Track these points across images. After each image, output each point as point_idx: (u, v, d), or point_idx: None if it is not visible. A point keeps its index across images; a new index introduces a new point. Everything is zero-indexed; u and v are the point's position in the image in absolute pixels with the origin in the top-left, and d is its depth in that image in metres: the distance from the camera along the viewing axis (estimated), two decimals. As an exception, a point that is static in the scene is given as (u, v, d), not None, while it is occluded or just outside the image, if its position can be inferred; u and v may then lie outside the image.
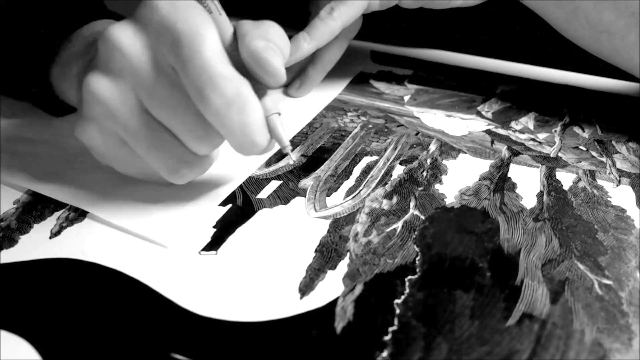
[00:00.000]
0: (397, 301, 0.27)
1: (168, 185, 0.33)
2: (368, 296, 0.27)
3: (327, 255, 0.30)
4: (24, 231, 0.32)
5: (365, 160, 0.38)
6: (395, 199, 0.34)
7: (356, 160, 0.38)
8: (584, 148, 0.39)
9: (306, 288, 0.28)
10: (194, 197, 0.33)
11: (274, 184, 0.35)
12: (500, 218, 0.32)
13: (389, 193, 0.34)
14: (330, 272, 0.29)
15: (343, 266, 0.29)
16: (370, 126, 0.42)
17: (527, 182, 0.35)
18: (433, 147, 0.39)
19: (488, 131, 0.41)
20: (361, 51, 0.53)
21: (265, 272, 0.29)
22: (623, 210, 0.33)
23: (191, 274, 0.29)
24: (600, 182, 0.35)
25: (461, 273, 0.29)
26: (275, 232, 0.32)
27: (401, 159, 0.38)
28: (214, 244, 0.31)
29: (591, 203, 0.34)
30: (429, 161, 0.37)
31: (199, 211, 0.33)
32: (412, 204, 0.33)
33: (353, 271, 0.29)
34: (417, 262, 0.29)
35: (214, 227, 0.32)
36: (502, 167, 0.37)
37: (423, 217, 0.32)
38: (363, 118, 0.43)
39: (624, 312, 0.27)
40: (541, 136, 0.40)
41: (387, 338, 0.25)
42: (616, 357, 0.24)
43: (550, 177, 0.36)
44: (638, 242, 0.31)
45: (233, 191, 0.35)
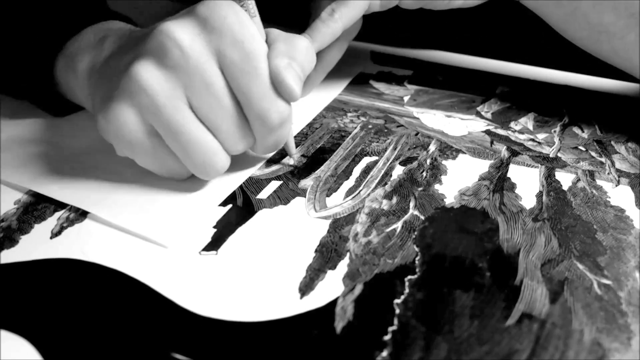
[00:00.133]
0: (397, 301, 0.27)
1: (176, 182, 0.34)
2: (368, 296, 0.28)
3: (327, 255, 0.30)
4: (25, 231, 0.32)
5: (365, 160, 0.38)
6: (395, 199, 0.34)
7: (356, 160, 0.38)
8: (583, 148, 0.39)
9: (306, 288, 0.28)
10: (195, 197, 0.33)
11: (274, 184, 0.35)
12: (499, 218, 0.32)
13: (389, 193, 0.35)
14: (330, 272, 0.29)
15: (343, 266, 0.29)
16: (370, 126, 0.42)
17: (527, 183, 0.35)
18: (433, 148, 0.39)
19: (487, 131, 0.41)
20: (361, 52, 0.53)
21: (265, 272, 0.29)
22: (622, 210, 0.33)
23: (191, 274, 0.29)
24: (599, 182, 0.35)
25: (461, 273, 0.29)
26: (275, 232, 0.32)
27: (401, 159, 0.38)
28: (214, 244, 0.31)
29: (590, 203, 0.34)
30: (429, 161, 0.38)
31: (199, 211, 0.33)
32: (412, 204, 0.34)
33: (353, 271, 0.29)
34: (417, 262, 0.29)
35: (214, 227, 0.32)
36: (502, 168, 0.37)
37: (423, 217, 0.32)
38: (363, 118, 0.43)
39: (623, 312, 0.27)
40: (540, 136, 0.40)
41: (387, 338, 0.25)
42: (615, 357, 0.25)
43: (549, 177, 0.36)
44: (637, 242, 0.31)
45: (233, 191, 0.35)
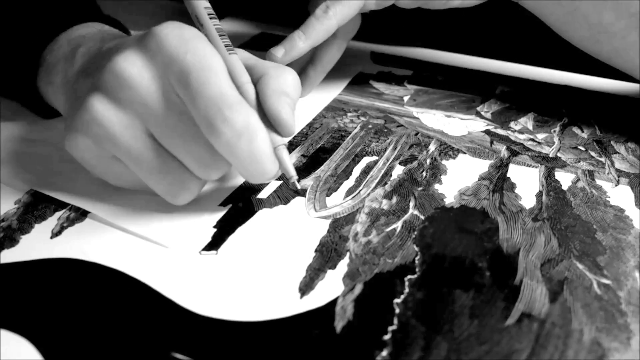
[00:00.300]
0: (397, 301, 0.27)
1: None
2: (368, 296, 0.28)
3: (327, 255, 0.30)
4: (25, 231, 0.32)
5: (365, 160, 0.38)
6: (394, 199, 0.34)
7: (356, 160, 0.38)
8: (583, 148, 0.39)
9: (306, 288, 0.28)
10: (195, 197, 0.33)
11: (274, 184, 0.35)
12: (499, 218, 0.32)
13: (389, 193, 0.35)
14: (330, 272, 0.29)
15: (343, 266, 0.29)
16: (370, 126, 0.42)
17: (526, 182, 0.35)
18: (432, 147, 0.39)
19: (487, 131, 0.41)
20: (361, 52, 0.53)
21: (265, 272, 0.29)
22: (622, 210, 0.33)
23: (191, 274, 0.29)
24: (599, 182, 0.35)
25: (460, 273, 0.29)
26: (275, 232, 0.32)
27: (401, 159, 0.38)
28: (215, 244, 0.31)
29: (590, 203, 0.34)
30: (429, 161, 0.38)
31: (200, 211, 0.33)
32: (412, 204, 0.34)
33: (353, 271, 0.29)
34: (417, 262, 0.29)
35: (215, 227, 0.32)
36: (502, 167, 0.37)
37: (422, 217, 0.33)
38: (363, 118, 0.43)
39: (623, 312, 0.27)
40: (540, 136, 0.40)
41: (387, 337, 0.25)
42: (615, 357, 0.25)
43: (549, 177, 0.36)
44: (636, 242, 0.31)
45: (233, 191, 0.35)
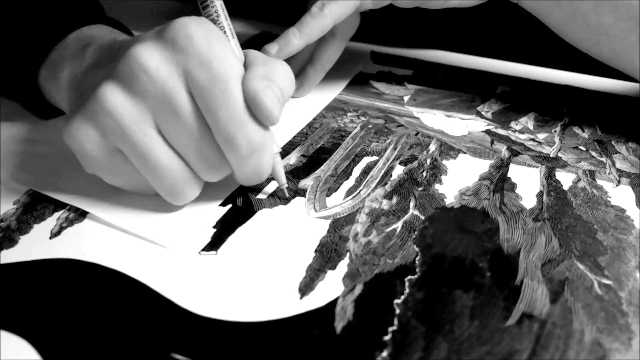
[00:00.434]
0: (397, 301, 0.27)
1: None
2: (368, 296, 0.27)
3: (327, 255, 0.30)
4: (24, 231, 0.32)
5: (365, 160, 0.38)
6: (395, 199, 0.34)
7: (356, 160, 0.38)
8: (584, 148, 0.39)
9: (306, 288, 0.28)
10: (195, 198, 0.33)
11: (274, 184, 0.35)
12: (500, 218, 0.32)
13: (389, 193, 0.34)
14: (330, 272, 0.29)
15: (343, 266, 0.29)
16: (370, 126, 0.42)
17: (527, 182, 0.35)
18: (433, 147, 0.39)
19: (488, 131, 0.41)
20: (361, 52, 0.53)
21: (265, 272, 0.29)
22: (623, 210, 0.33)
23: (191, 274, 0.29)
24: (600, 182, 0.35)
25: (461, 273, 0.29)
26: (275, 232, 0.32)
27: (401, 159, 0.38)
28: (214, 244, 0.31)
29: (591, 203, 0.34)
30: (429, 161, 0.38)
31: (200, 212, 0.33)
32: (412, 204, 0.33)
33: (353, 271, 0.29)
34: (417, 262, 0.29)
35: (214, 227, 0.32)
36: (502, 167, 0.37)
37: (423, 217, 0.32)
38: (363, 118, 0.43)
39: (624, 312, 0.27)
40: (541, 136, 0.40)
41: (387, 338, 0.25)
42: (616, 357, 0.24)
43: (550, 177, 0.36)
44: (637, 242, 0.31)
45: (233, 191, 0.35)
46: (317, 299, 0.27)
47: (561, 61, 0.49)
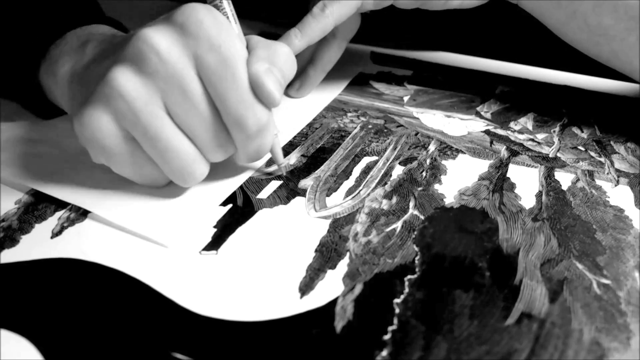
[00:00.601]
0: (397, 301, 0.27)
1: (162, 187, 0.33)
2: (368, 296, 0.28)
3: (327, 255, 0.30)
4: (26, 231, 0.32)
5: (365, 160, 0.38)
6: (394, 199, 0.34)
7: (356, 160, 0.38)
8: (583, 148, 0.39)
9: (306, 288, 0.28)
10: (195, 197, 0.33)
11: (274, 184, 0.35)
12: (499, 218, 0.32)
13: (389, 193, 0.35)
14: (330, 272, 0.29)
15: (343, 266, 0.29)
16: (370, 126, 0.42)
17: (526, 182, 0.36)
18: (432, 148, 0.39)
19: (487, 131, 0.41)
20: (361, 52, 0.53)
21: (265, 272, 0.29)
22: (621, 210, 0.33)
23: (191, 274, 0.29)
24: (598, 182, 0.36)
25: (460, 273, 0.29)
26: (275, 232, 0.32)
27: (401, 159, 0.38)
28: (215, 244, 0.31)
29: (590, 203, 0.34)
30: (429, 161, 0.38)
31: (200, 211, 0.33)
32: (412, 204, 0.34)
33: (353, 271, 0.29)
34: (417, 262, 0.29)
35: (215, 227, 0.32)
36: (501, 167, 0.37)
37: (422, 217, 0.33)
38: (363, 118, 0.43)
39: (622, 312, 0.27)
40: (540, 136, 0.40)
41: (387, 337, 0.25)
42: (614, 357, 0.25)
43: (549, 177, 0.36)
44: (636, 242, 0.31)
45: (233, 191, 0.35)
46: (317, 299, 0.27)
47: (560, 61, 0.49)
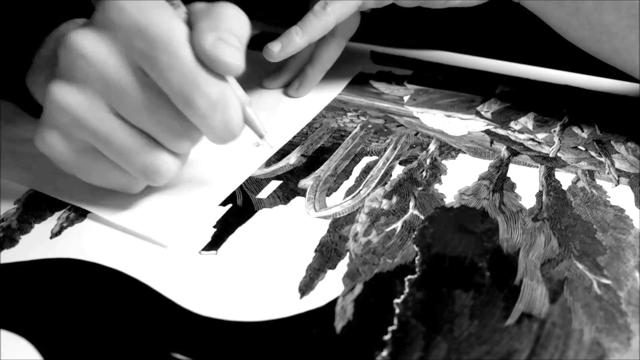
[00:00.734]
0: (397, 301, 0.27)
1: (176, 182, 0.34)
2: (368, 296, 0.28)
3: (327, 255, 0.30)
4: (25, 231, 0.32)
5: (364, 160, 0.38)
6: (394, 199, 0.34)
7: (356, 160, 0.38)
8: (583, 148, 0.39)
9: (306, 288, 0.28)
10: (194, 197, 0.33)
11: (274, 184, 0.35)
12: (499, 218, 0.32)
13: (389, 193, 0.35)
14: (330, 272, 0.29)
15: (343, 266, 0.29)
16: (369, 126, 0.42)
17: (526, 182, 0.35)
18: (432, 147, 0.39)
19: (487, 131, 0.41)
20: (361, 52, 0.53)
21: (265, 272, 0.29)
22: (622, 210, 0.33)
23: (191, 274, 0.29)
24: (599, 182, 0.35)
25: (460, 273, 0.29)
26: (275, 232, 0.32)
27: (401, 159, 0.38)
28: (214, 244, 0.31)
29: (590, 203, 0.34)
30: (429, 161, 0.38)
31: (199, 211, 0.33)
32: (412, 204, 0.34)
33: (353, 271, 0.29)
34: (417, 262, 0.29)
35: (214, 227, 0.32)
36: (502, 167, 0.37)
37: (422, 217, 0.33)
38: (363, 118, 0.43)
39: (623, 312, 0.27)
40: (540, 136, 0.40)
41: (387, 337, 0.25)
42: (615, 357, 0.25)
43: (549, 177, 0.36)
44: (637, 242, 0.31)
45: (233, 191, 0.35)
46: (317, 299, 0.27)
47: (561, 61, 0.49)
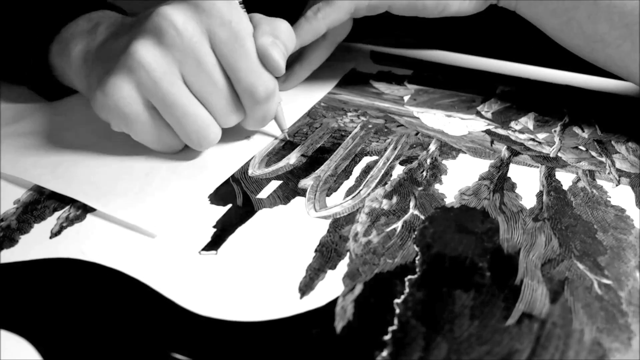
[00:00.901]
0: (397, 301, 0.27)
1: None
2: (368, 296, 0.28)
3: (327, 255, 0.30)
4: (24, 231, 0.32)
5: (365, 160, 0.38)
6: (395, 199, 0.34)
7: (356, 160, 0.38)
8: (584, 148, 0.39)
9: (306, 288, 0.28)
10: (184, 189, 0.34)
11: (274, 184, 0.35)
12: (499, 218, 0.32)
13: (389, 193, 0.34)
14: (330, 272, 0.29)
15: (343, 266, 0.29)
16: (370, 126, 0.42)
17: (527, 182, 0.35)
18: (433, 147, 0.39)
19: (488, 131, 0.41)
20: (361, 51, 0.53)
21: (265, 272, 0.29)
22: (622, 210, 0.33)
23: (191, 274, 0.29)
24: (599, 182, 0.35)
25: (461, 273, 0.29)
26: (275, 232, 0.32)
27: (401, 159, 0.38)
28: (214, 244, 0.31)
29: (591, 203, 0.34)
30: (429, 161, 0.38)
31: (188, 202, 0.33)
32: (412, 204, 0.34)
33: (353, 271, 0.29)
34: (417, 262, 0.29)
35: (214, 227, 0.32)
36: (502, 167, 0.37)
37: (423, 217, 0.32)
38: (363, 118, 0.43)
39: (624, 312, 0.27)
40: (541, 136, 0.40)
41: (387, 338, 0.25)
42: (615, 357, 0.24)
43: (549, 177, 0.36)
44: (637, 242, 0.31)
45: (233, 191, 0.35)
46: (317, 299, 0.27)
47: (561, 61, 0.49)
